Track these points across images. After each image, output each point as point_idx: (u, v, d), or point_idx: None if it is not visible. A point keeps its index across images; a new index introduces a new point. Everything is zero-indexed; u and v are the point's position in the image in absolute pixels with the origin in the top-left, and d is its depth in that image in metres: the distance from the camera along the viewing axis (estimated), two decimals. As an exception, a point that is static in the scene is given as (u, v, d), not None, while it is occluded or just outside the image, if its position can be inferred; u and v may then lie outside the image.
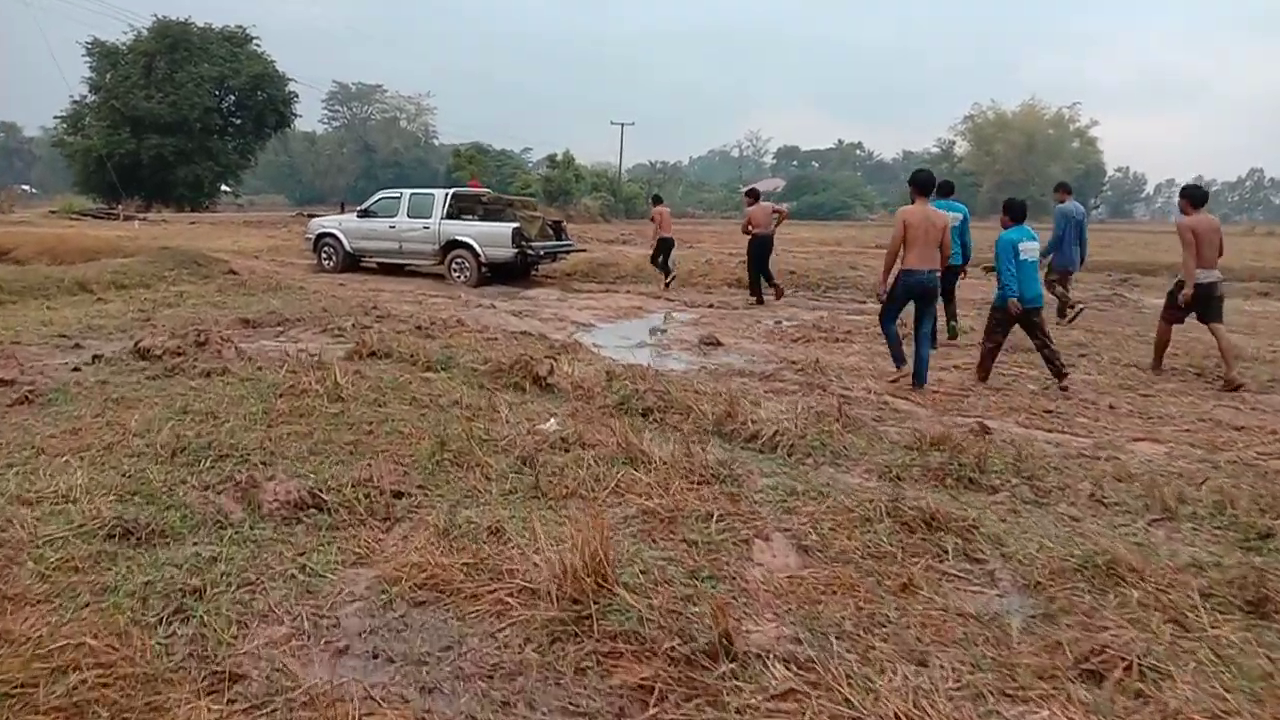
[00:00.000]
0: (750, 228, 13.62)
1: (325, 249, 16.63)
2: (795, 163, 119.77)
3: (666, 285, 15.56)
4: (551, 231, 16.29)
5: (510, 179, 61.09)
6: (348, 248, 16.39)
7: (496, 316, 11.53)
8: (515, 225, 14.92)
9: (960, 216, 9.75)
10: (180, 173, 46.87)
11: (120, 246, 16.70)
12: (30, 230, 18.80)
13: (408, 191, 16.34)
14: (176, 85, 46.19)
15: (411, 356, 7.47)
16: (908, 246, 7.05)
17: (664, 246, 15.69)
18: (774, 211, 14.09)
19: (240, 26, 51.62)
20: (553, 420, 5.59)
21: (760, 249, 13.73)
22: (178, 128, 46.33)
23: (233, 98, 51.39)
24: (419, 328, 9.82)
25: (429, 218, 15.52)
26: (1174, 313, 8.13)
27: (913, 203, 7.24)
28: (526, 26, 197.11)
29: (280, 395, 5.85)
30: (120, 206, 34.37)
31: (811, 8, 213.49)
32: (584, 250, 16.41)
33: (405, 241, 15.77)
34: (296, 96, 54.80)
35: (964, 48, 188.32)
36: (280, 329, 9.96)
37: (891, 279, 7.43)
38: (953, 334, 9.96)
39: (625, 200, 64.87)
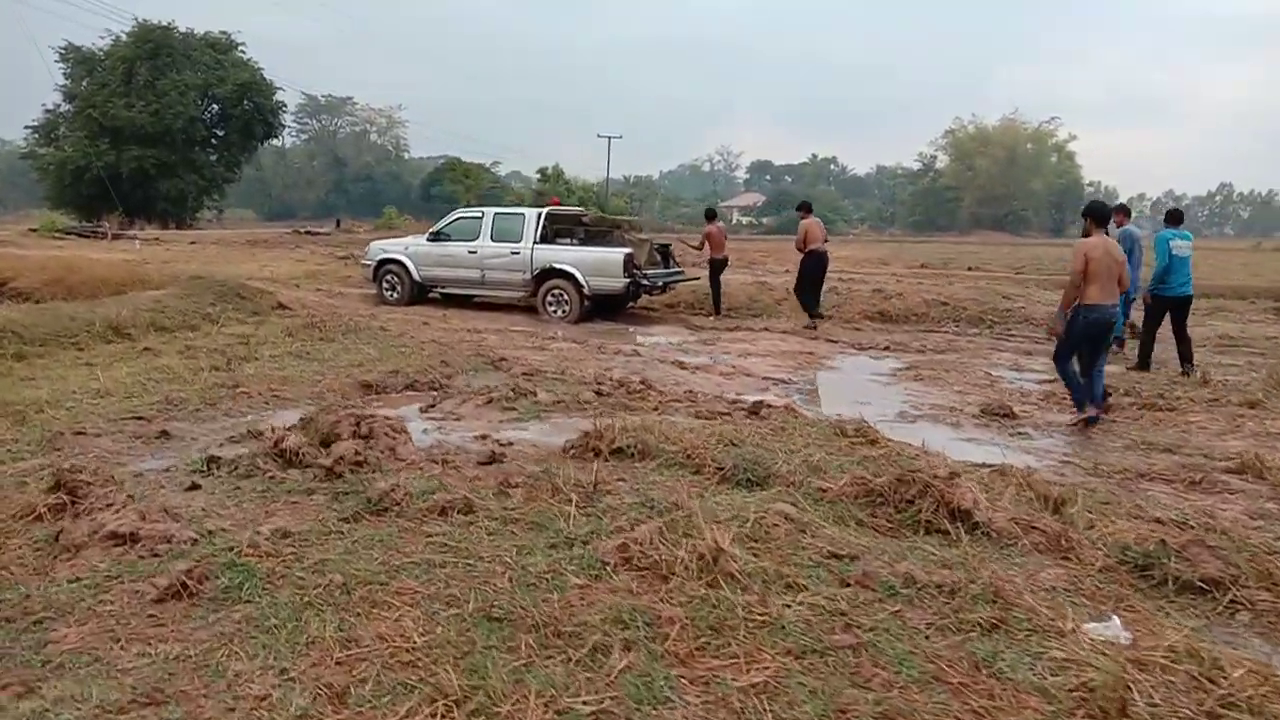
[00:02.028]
0: (805, 244, 12.30)
1: (388, 278, 14.10)
2: (768, 177, 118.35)
3: (717, 314, 13.77)
4: (659, 257, 13.91)
5: (488, 192, 57.24)
6: (415, 276, 13.86)
7: (656, 368, 9.16)
8: (627, 251, 12.52)
9: (1189, 245, 9.06)
10: (163, 186, 43.66)
11: (140, 275, 14.07)
12: (26, 255, 16.03)
13: (491, 210, 13.84)
14: (159, 93, 43.05)
15: (687, 457, 5.12)
16: (1089, 280, 6.60)
17: (715, 268, 13.77)
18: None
19: (224, 32, 48.70)
20: (1116, 620, 3.26)
21: (815, 267, 12.37)
22: (160, 139, 43.16)
23: (216, 107, 48.34)
24: (600, 393, 7.47)
25: (519, 242, 13.06)
26: None
27: (1088, 235, 6.78)
28: (491, 40, 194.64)
29: (614, 565, 3.47)
30: (105, 223, 31.44)
31: (779, 23, 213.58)
32: (696, 279, 14.05)
33: (489, 270, 13.30)
34: (284, 106, 52.02)
35: (932, 63, 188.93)
36: (414, 394, 7.59)
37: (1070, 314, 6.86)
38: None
39: (613, 214, 62.10)
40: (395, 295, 14.02)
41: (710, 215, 14.20)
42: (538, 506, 4.19)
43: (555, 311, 12.89)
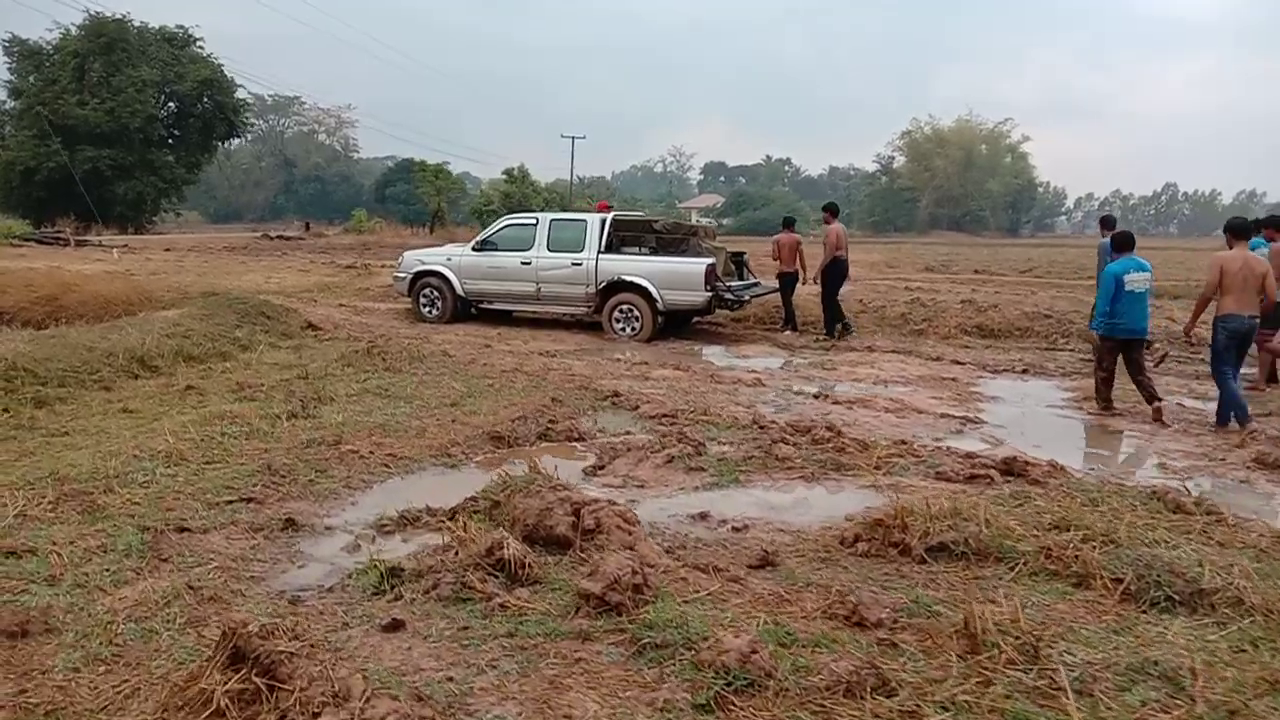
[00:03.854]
0: (836, 249, 11.75)
1: (426, 292, 12.53)
2: (723, 178, 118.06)
3: (792, 331, 12.49)
4: (734, 267, 12.55)
5: (447, 192, 54.50)
6: (459, 291, 12.33)
7: (798, 402, 7.82)
8: (710, 261, 11.15)
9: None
10: (120, 189, 41.06)
11: (144, 291, 12.35)
12: (4, 268, 14.10)
13: (546, 216, 12.34)
14: (114, 90, 40.41)
15: (1052, 559, 3.78)
16: (1224, 292, 6.88)
17: (785, 283, 12.48)
18: None
19: (181, 26, 46.12)
20: None
21: (838, 274, 11.81)
22: (116, 138, 40.52)
23: (174, 105, 45.80)
24: (786, 442, 6.10)
25: (580, 251, 11.60)
26: None
27: (1229, 248, 7.04)
28: (438, 40, 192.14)
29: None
30: (65, 229, 29.15)
31: (726, 28, 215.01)
32: (776, 291, 12.63)
33: (545, 283, 11.82)
34: (246, 104, 49.56)
35: (877, 66, 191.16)
36: (549, 444, 6.21)
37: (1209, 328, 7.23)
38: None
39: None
40: (435, 312, 12.48)
41: (788, 223, 12.86)
42: (974, 675, 2.81)
43: (624, 329, 11.48)
